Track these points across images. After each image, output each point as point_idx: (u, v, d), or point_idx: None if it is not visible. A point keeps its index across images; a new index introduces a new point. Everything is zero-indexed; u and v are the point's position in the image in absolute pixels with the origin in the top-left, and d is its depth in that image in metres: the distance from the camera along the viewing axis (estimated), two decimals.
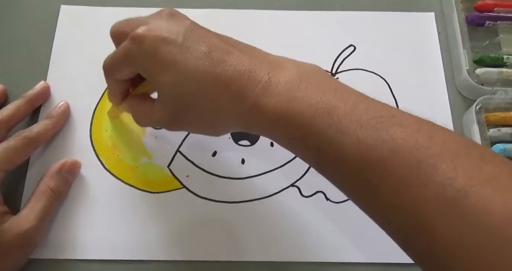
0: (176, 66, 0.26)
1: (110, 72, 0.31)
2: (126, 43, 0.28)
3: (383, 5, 0.43)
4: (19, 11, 0.42)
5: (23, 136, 0.33)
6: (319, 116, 0.24)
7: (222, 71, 0.26)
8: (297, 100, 0.24)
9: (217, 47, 0.27)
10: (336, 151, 0.23)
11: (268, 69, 0.26)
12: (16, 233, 0.30)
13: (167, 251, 0.33)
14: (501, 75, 0.39)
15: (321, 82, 0.26)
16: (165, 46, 0.26)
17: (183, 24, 0.27)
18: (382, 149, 0.22)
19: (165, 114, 0.29)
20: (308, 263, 0.33)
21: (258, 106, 0.25)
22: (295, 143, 0.26)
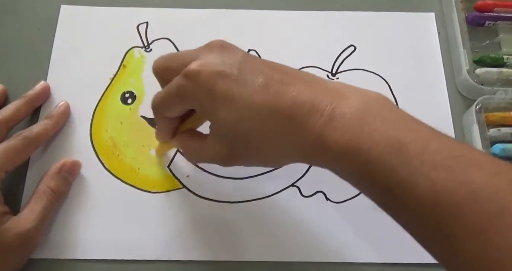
0: (234, 101, 0.25)
1: (161, 110, 0.29)
2: (179, 80, 0.26)
3: (383, 5, 0.43)
4: (19, 11, 0.42)
5: (23, 136, 0.33)
6: (388, 154, 0.22)
7: (282, 103, 0.25)
8: (364, 135, 0.23)
9: (273, 78, 0.25)
10: (407, 192, 0.22)
11: (330, 99, 0.25)
12: (17, 233, 0.30)
13: (167, 251, 0.33)
14: (501, 75, 0.39)
15: (388, 114, 0.24)
16: (221, 80, 0.25)
17: (236, 55, 0.26)
18: (460, 192, 0.20)
19: (221, 150, 0.28)
20: (308, 263, 0.33)
21: (321, 139, 0.24)
22: (360, 178, 0.24)
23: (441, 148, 0.22)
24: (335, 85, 0.27)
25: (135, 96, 0.39)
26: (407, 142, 0.22)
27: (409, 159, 0.22)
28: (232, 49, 0.27)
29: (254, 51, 0.40)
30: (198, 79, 0.25)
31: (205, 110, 0.27)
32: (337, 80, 0.26)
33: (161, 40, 0.41)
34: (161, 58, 0.29)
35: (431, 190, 0.21)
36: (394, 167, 0.22)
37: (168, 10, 0.42)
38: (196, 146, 0.30)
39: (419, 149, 0.22)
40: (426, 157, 0.22)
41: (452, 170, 0.21)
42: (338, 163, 0.25)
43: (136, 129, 0.37)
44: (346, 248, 0.34)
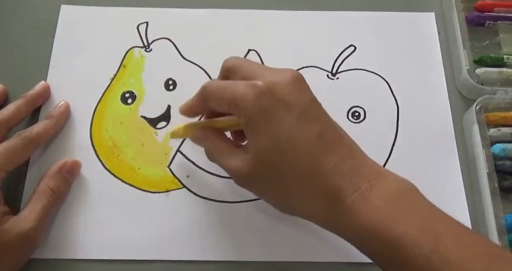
0: (283, 138, 0.25)
1: (208, 98, 0.28)
2: (243, 87, 0.26)
3: (383, 5, 0.43)
4: (19, 11, 0.42)
5: (24, 136, 0.33)
6: (423, 241, 0.23)
7: (325, 162, 0.25)
8: (399, 219, 0.23)
9: (329, 133, 0.26)
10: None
11: (369, 176, 0.25)
12: (17, 233, 0.30)
13: (167, 251, 0.33)
14: (501, 75, 0.38)
15: (422, 204, 0.25)
16: (282, 110, 0.25)
17: (307, 95, 0.26)
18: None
19: (243, 169, 0.27)
20: (308, 263, 0.33)
21: (352, 212, 0.24)
22: (389, 260, 0.24)
23: (475, 243, 0.23)
24: (374, 163, 0.27)
25: (135, 96, 0.39)
26: (443, 233, 0.23)
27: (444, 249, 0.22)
28: (305, 86, 0.27)
29: (254, 51, 0.40)
30: (260, 99, 0.25)
31: (250, 129, 0.26)
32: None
33: (161, 40, 0.41)
34: (236, 58, 0.29)
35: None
36: (428, 255, 0.22)
37: (168, 10, 0.42)
38: (225, 148, 0.29)
39: (454, 241, 0.23)
40: (461, 250, 0.22)
41: (487, 266, 0.22)
42: (364, 241, 0.25)
43: (136, 129, 0.37)
44: (346, 248, 0.34)
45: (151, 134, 0.37)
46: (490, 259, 0.22)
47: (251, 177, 0.27)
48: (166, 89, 0.39)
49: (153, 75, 0.39)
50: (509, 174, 0.35)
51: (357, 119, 0.38)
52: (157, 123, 0.38)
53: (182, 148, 0.37)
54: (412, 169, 0.36)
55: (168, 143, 0.37)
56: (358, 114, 0.38)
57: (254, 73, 0.27)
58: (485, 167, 0.34)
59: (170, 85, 0.39)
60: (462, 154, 0.37)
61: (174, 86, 0.39)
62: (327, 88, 0.39)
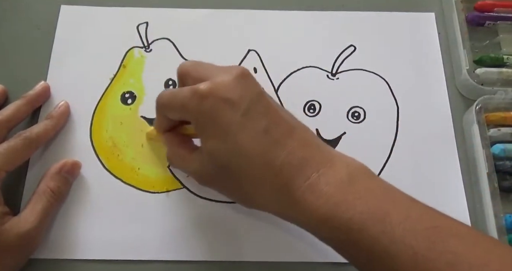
0: (230, 137, 0.25)
1: (162, 110, 0.30)
2: (187, 93, 0.26)
3: (383, 5, 0.43)
4: (19, 11, 0.42)
5: (24, 136, 0.33)
6: (371, 223, 0.23)
7: (275, 156, 0.25)
8: (347, 204, 0.24)
9: (277, 126, 0.26)
10: (389, 261, 0.23)
11: (318, 165, 0.25)
12: (17, 234, 0.30)
13: (167, 251, 0.33)
14: (501, 75, 0.38)
15: (371, 185, 0.25)
16: (226, 111, 0.25)
17: (251, 90, 0.26)
18: (440, 261, 0.21)
19: (201, 171, 0.28)
20: (308, 263, 0.33)
21: (303, 203, 0.25)
22: (342, 245, 0.25)
23: (421, 217, 0.23)
24: (328, 150, 0.27)
25: (135, 97, 0.39)
26: (390, 211, 0.23)
27: (391, 228, 0.23)
28: (249, 80, 0.27)
29: (254, 51, 0.40)
30: (203, 102, 0.26)
31: (200, 132, 0.27)
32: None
33: (161, 40, 0.41)
34: (188, 62, 0.30)
35: (412, 259, 0.22)
36: (376, 235, 0.23)
37: (168, 10, 0.42)
38: (182, 155, 0.31)
39: (400, 218, 0.23)
40: (407, 225, 0.23)
41: (432, 240, 0.22)
42: (318, 228, 0.25)
43: (136, 129, 0.37)
44: None
45: None
46: (437, 232, 0.22)
47: (208, 177, 0.29)
48: None
49: (153, 75, 0.39)
50: (509, 174, 0.35)
51: (357, 119, 0.38)
52: None
53: None
54: (412, 169, 0.36)
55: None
56: (358, 114, 0.38)
57: (203, 75, 0.27)
58: (485, 167, 0.34)
59: (170, 85, 0.39)
60: (462, 154, 0.37)
61: (174, 86, 0.39)
62: (327, 88, 0.39)
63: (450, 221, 0.24)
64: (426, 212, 0.24)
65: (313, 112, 0.38)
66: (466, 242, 0.22)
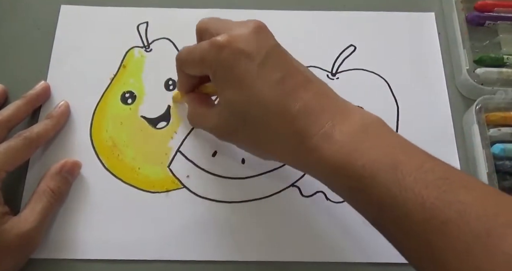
0: (246, 86, 0.26)
1: (182, 66, 0.31)
2: (205, 45, 0.27)
3: (383, 5, 0.43)
4: (19, 11, 0.42)
5: (24, 136, 0.33)
6: (382, 171, 0.23)
7: (290, 105, 0.25)
8: (360, 152, 0.24)
9: (292, 77, 0.26)
10: (398, 209, 0.22)
11: (334, 114, 0.26)
12: (17, 234, 0.30)
13: (167, 251, 0.33)
14: (501, 75, 0.39)
15: (385, 136, 0.25)
16: (243, 61, 0.26)
17: (268, 42, 0.27)
18: (449, 211, 0.21)
19: (220, 124, 0.29)
20: (308, 263, 0.33)
21: (317, 150, 0.25)
22: (353, 194, 0.25)
23: (434, 169, 0.23)
24: (342, 102, 0.28)
25: (135, 96, 0.39)
26: (402, 161, 0.23)
27: (402, 177, 0.23)
28: (267, 34, 0.28)
29: None
30: (221, 53, 0.26)
31: (217, 84, 0.28)
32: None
33: (161, 40, 0.41)
34: (206, 18, 0.30)
35: (422, 207, 0.22)
36: (387, 184, 0.23)
37: (168, 10, 0.42)
38: (201, 113, 0.31)
39: (412, 168, 0.23)
40: (419, 175, 0.22)
41: (442, 190, 0.22)
42: (331, 177, 0.25)
43: (136, 129, 0.37)
44: (346, 248, 0.34)
45: (151, 135, 0.37)
46: (448, 183, 0.22)
47: (226, 130, 0.29)
48: (166, 89, 0.39)
49: (153, 75, 0.39)
50: (509, 174, 0.35)
51: None
52: (157, 123, 0.38)
53: (182, 148, 0.37)
54: None
55: (168, 143, 0.37)
56: None
57: (221, 29, 0.28)
58: (485, 167, 0.34)
59: (170, 85, 0.39)
60: (462, 154, 0.37)
61: (174, 86, 0.39)
62: None
63: (461, 173, 0.24)
64: (439, 164, 0.24)
65: None
66: (477, 193, 0.22)
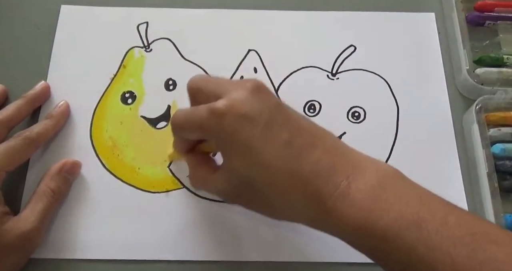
0: (252, 153, 0.25)
1: (179, 131, 0.29)
2: (204, 113, 0.26)
3: (383, 5, 0.43)
4: (19, 11, 0.42)
5: (24, 136, 0.33)
6: (406, 231, 0.22)
7: (300, 168, 0.25)
8: (381, 211, 0.23)
9: (299, 137, 0.25)
10: (426, 268, 0.22)
11: (347, 172, 0.25)
12: (17, 234, 0.30)
13: (167, 251, 0.33)
14: (501, 75, 0.38)
15: (404, 190, 0.25)
16: (246, 127, 0.25)
17: (269, 102, 0.26)
18: (481, 270, 0.21)
19: (226, 189, 0.28)
20: (308, 263, 0.33)
21: (334, 213, 0.24)
22: (377, 253, 0.24)
23: (459, 223, 0.22)
24: (355, 155, 0.27)
25: (135, 96, 0.39)
26: (426, 218, 0.23)
27: (428, 235, 0.22)
28: (265, 93, 0.27)
29: (254, 51, 0.40)
30: (223, 120, 0.25)
31: (222, 151, 0.27)
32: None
33: (161, 40, 0.41)
34: (198, 77, 0.29)
35: (452, 268, 0.21)
36: (412, 243, 0.22)
37: (168, 10, 0.42)
38: (203, 174, 0.30)
39: (438, 224, 0.22)
40: (445, 233, 0.22)
41: (472, 248, 0.21)
42: (352, 237, 0.25)
43: (136, 129, 0.37)
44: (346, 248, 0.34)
45: (151, 135, 0.37)
46: (476, 240, 0.22)
47: (234, 194, 0.28)
48: (166, 89, 0.39)
49: (153, 75, 0.39)
50: (509, 174, 0.35)
51: (357, 119, 0.38)
52: (157, 124, 0.38)
53: None
54: (412, 169, 0.35)
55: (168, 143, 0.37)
56: (358, 114, 0.38)
57: (216, 91, 0.27)
58: (485, 167, 0.34)
59: (170, 85, 0.39)
60: (462, 154, 0.37)
61: (174, 86, 0.39)
62: (327, 88, 0.39)
63: (489, 226, 0.23)
64: (464, 217, 0.23)
65: (313, 112, 0.38)
66: (505, 248, 0.22)
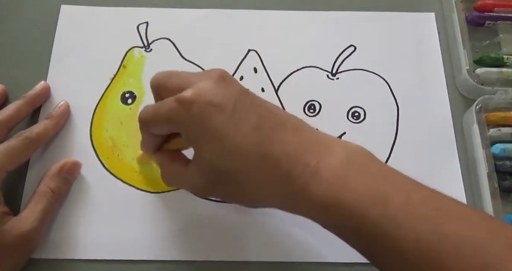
0: (222, 139, 0.25)
1: (147, 126, 0.29)
2: (171, 104, 0.26)
3: (383, 5, 0.43)
4: (19, 11, 0.42)
5: (24, 136, 0.33)
6: (373, 207, 0.23)
7: (269, 151, 0.25)
8: (349, 189, 0.24)
9: (266, 120, 0.26)
10: (391, 244, 0.22)
11: (316, 152, 0.25)
12: (17, 234, 0.30)
13: (167, 251, 0.33)
14: (501, 75, 0.39)
15: (371, 168, 0.25)
16: (214, 114, 0.25)
17: (234, 89, 0.26)
18: (443, 244, 0.21)
19: (200, 181, 0.28)
20: (308, 263, 0.33)
21: (305, 192, 0.24)
22: (344, 231, 0.25)
23: (423, 199, 0.23)
24: (322, 137, 0.27)
25: (135, 96, 0.39)
26: (391, 195, 0.23)
27: (393, 212, 0.23)
28: (231, 82, 0.27)
29: (254, 51, 0.40)
30: (191, 109, 0.25)
31: (191, 141, 0.26)
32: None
33: (161, 40, 0.41)
34: (161, 74, 0.29)
35: (416, 242, 0.22)
36: (379, 220, 0.23)
37: (168, 10, 0.42)
38: (176, 171, 0.30)
39: (402, 201, 0.23)
40: (410, 209, 0.22)
41: (435, 222, 0.22)
42: (321, 215, 0.25)
43: (136, 129, 0.37)
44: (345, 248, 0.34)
45: None
46: (440, 215, 0.22)
47: (207, 186, 0.28)
48: None
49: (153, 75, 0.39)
50: (509, 174, 0.35)
51: (357, 119, 0.38)
52: None
53: None
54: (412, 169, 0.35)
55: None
56: (358, 114, 0.38)
57: (180, 84, 0.27)
58: (485, 167, 0.34)
59: None
60: (462, 154, 0.37)
61: None
62: (327, 88, 0.39)
63: (452, 202, 0.24)
64: (428, 195, 0.24)
65: (313, 112, 0.38)
66: (469, 223, 0.22)
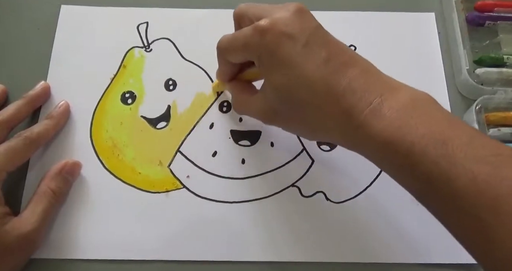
0: (292, 68, 0.26)
1: (224, 53, 0.31)
2: (248, 31, 0.27)
3: (383, 5, 0.43)
4: (19, 11, 0.42)
5: (24, 136, 0.33)
6: (432, 146, 0.23)
7: (336, 83, 0.26)
8: (409, 127, 0.24)
9: (337, 56, 0.26)
10: (448, 183, 0.22)
11: (381, 90, 0.26)
12: (18, 235, 0.30)
13: (167, 251, 0.33)
14: (501, 75, 0.39)
15: (434, 112, 0.25)
16: (287, 43, 0.26)
17: (310, 24, 0.27)
18: (501, 187, 0.21)
19: (265, 108, 0.29)
20: (308, 263, 0.33)
21: (366, 127, 0.25)
22: (400, 170, 0.25)
23: (485, 145, 0.23)
24: (390, 79, 0.28)
25: (135, 96, 0.39)
26: (452, 137, 0.23)
27: (452, 152, 0.22)
28: (308, 16, 0.28)
29: None
30: (265, 37, 0.26)
31: (262, 68, 0.28)
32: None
33: (161, 40, 0.41)
34: (244, 4, 0.30)
35: (472, 182, 0.21)
36: (436, 159, 0.22)
37: (168, 10, 0.42)
38: (245, 99, 0.32)
39: (463, 144, 0.22)
40: (469, 151, 0.22)
41: (494, 166, 0.21)
42: (380, 152, 0.25)
43: (136, 130, 0.37)
44: (346, 248, 0.34)
45: (151, 135, 0.37)
46: (499, 160, 0.22)
47: (272, 113, 0.29)
48: (166, 89, 0.39)
49: (153, 75, 0.39)
50: None
51: None
52: (157, 124, 0.38)
53: (182, 148, 0.37)
54: None
55: (168, 143, 0.37)
56: None
57: (260, 14, 0.28)
58: None
59: (170, 85, 0.39)
60: None
61: (174, 87, 0.39)
62: None
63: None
64: (490, 141, 0.23)
65: None
66: None
